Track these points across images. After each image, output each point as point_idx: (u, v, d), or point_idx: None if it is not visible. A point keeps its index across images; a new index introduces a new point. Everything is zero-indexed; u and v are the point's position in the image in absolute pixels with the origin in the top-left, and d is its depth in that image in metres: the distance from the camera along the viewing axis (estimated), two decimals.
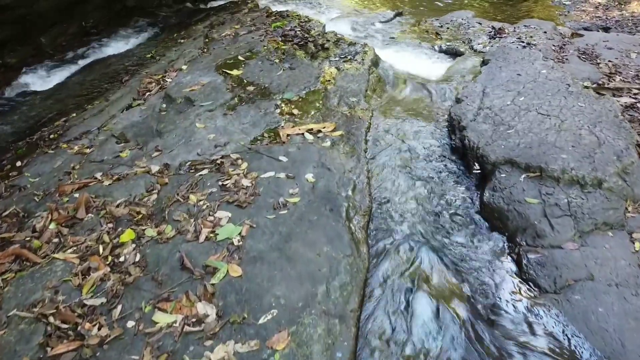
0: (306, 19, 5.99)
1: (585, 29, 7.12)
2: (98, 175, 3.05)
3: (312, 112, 3.67)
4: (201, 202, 2.64)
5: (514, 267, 2.25)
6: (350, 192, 2.61)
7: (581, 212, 2.35)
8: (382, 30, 6.15)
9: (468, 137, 2.96)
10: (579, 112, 3.03)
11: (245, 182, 2.77)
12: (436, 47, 5.21)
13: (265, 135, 3.37)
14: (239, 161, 3.02)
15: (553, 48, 4.59)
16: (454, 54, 5.05)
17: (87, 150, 3.48)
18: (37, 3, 5.59)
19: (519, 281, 2.18)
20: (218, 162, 3.04)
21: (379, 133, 3.38)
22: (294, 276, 2.02)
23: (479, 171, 2.85)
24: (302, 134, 3.34)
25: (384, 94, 4.20)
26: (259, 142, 3.29)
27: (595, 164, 2.54)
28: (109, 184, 2.92)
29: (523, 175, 2.61)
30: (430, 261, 2.24)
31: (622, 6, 7.85)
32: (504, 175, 2.65)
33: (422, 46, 5.29)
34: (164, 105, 3.97)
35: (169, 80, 4.51)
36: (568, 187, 2.47)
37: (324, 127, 3.40)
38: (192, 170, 3.00)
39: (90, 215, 2.67)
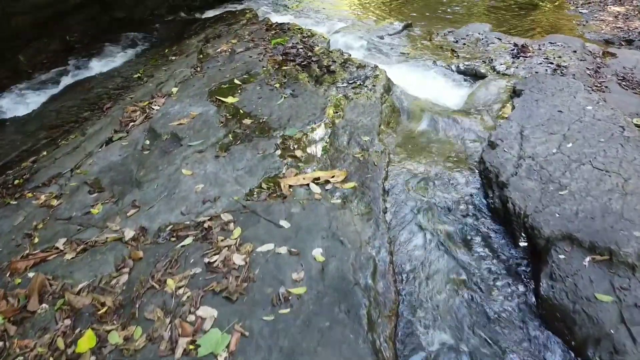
0: (309, 34, 5.37)
1: (607, 41, 6.51)
2: (61, 243, 2.46)
3: (319, 154, 3.07)
4: (181, 290, 2.06)
5: None
6: (370, 280, 2.02)
7: None
8: (391, 45, 5.53)
9: (511, 200, 2.36)
10: None
11: (238, 259, 2.18)
12: (453, 67, 4.61)
13: (264, 186, 2.78)
14: (231, 225, 2.43)
15: (588, 72, 3.99)
16: (473, 75, 4.45)
17: (55, 202, 2.89)
18: (14, 18, 4.98)
19: None
20: (205, 226, 2.46)
21: (398, 185, 2.79)
22: None
23: (527, 244, 2.26)
24: (307, 184, 2.75)
25: (399, 126, 3.60)
26: (255, 195, 2.70)
27: None
28: (72, 258, 2.34)
29: (587, 259, 2.02)
30: None
31: None
32: (562, 257, 2.06)
33: (437, 65, 4.68)
34: (148, 142, 3.38)
35: (155, 108, 3.91)
36: None
37: (332, 176, 2.81)
38: (174, 238, 2.42)
39: (44, 306, 2.09)
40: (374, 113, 3.50)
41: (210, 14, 6.92)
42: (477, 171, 2.89)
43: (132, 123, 3.80)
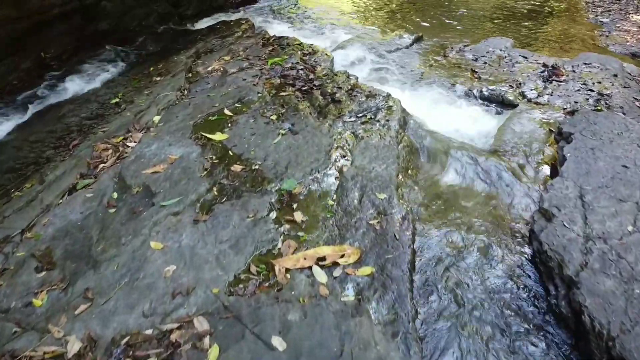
0: (310, 50, 4.66)
1: (634, 54, 5.79)
2: None
3: (323, 218, 2.38)
4: None
5: None
6: None
7: None
8: (401, 63, 4.81)
9: (588, 311, 1.67)
10: None
11: None
12: (475, 92, 3.90)
13: (253, 269, 2.09)
14: (206, 341, 1.75)
15: (637, 104, 3.29)
16: (500, 102, 3.74)
17: None
18: None
19: None
20: (172, 339, 1.77)
21: (428, 271, 2.09)
22: None
23: None
24: (310, 267, 2.07)
25: (420, 174, 2.90)
26: (241, 285, 2.01)
27: None
28: None
29: None
30: None
31: None
32: None
33: (457, 89, 3.98)
34: (115, 196, 2.69)
35: (130, 145, 3.21)
36: None
37: (342, 255, 2.12)
38: (129, 359, 1.73)
39: None
40: (390, 158, 2.80)
41: (202, 24, 6.19)
42: (526, 247, 2.19)
43: (101, 165, 3.09)
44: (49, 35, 4.96)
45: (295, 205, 2.47)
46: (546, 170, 2.74)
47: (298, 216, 2.39)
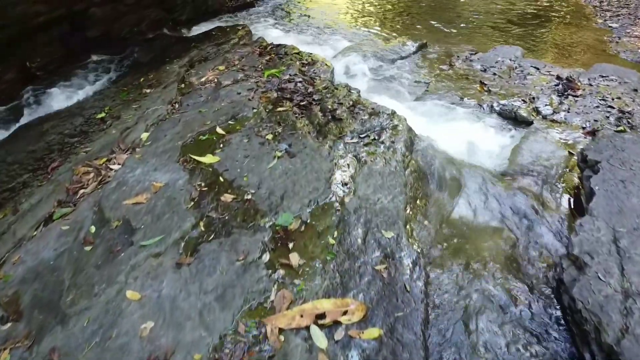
0: (309, 60, 4.35)
1: None
2: None
3: (323, 262, 2.08)
4: None
5: None
6: None
7: None
8: (405, 73, 4.51)
9: None
10: None
11: None
12: (485, 106, 3.59)
13: (241, 329, 1.80)
14: None
15: None
16: (512, 118, 3.44)
17: None
18: None
19: None
20: None
21: (442, 332, 1.80)
22: None
23: None
24: (307, 327, 1.77)
25: (429, 203, 2.60)
26: (227, 350, 1.72)
27: None
28: None
29: None
30: None
31: None
32: None
33: (465, 104, 3.67)
34: (93, 230, 2.39)
35: (114, 168, 2.91)
36: None
37: (345, 311, 1.82)
38: None
39: None
40: (397, 187, 2.50)
41: (198, 30, 5.88)
42: (552, 297, 1.90)
43: (81, 190, 2.80)
44: (34, 43, 4.64)
45: (291, 245, 2.18)
46: (569, 200, 2.45)
47: (294, 259, 2.10)
